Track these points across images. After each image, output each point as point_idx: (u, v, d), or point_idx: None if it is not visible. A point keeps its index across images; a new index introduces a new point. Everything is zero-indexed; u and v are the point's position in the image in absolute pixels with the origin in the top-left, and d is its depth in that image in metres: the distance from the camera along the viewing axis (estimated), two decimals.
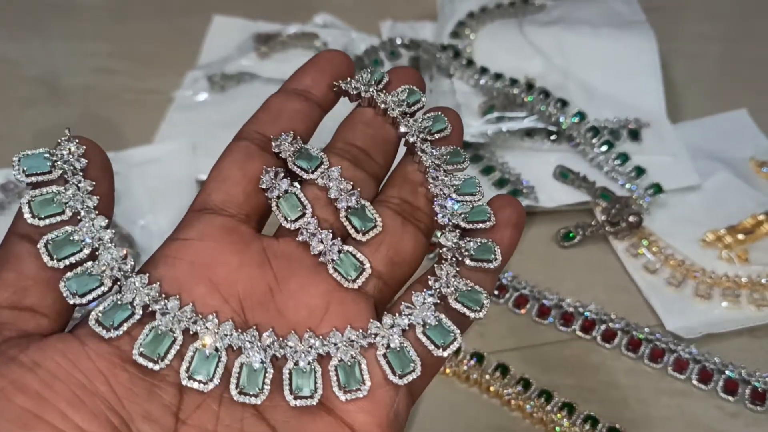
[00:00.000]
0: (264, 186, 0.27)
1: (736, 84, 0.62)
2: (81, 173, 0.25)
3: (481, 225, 0.27)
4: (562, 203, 0.51)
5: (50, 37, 0.67)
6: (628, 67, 0.57)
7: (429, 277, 0.27)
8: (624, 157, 0.52)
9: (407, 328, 0.25)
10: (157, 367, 0.24)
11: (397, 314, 0.26)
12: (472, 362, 0.43)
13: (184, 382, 0.24)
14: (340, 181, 0.27)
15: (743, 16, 0.69)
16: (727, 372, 0.43)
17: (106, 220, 0.25)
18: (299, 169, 0.28)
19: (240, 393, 0.24)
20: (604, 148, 0.52)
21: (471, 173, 0.29)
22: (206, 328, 0.25)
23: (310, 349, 0.25)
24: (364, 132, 0.29)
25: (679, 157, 0.53)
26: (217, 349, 0.25)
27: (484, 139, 0.53)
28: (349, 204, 0.27)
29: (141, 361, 0.24)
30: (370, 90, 0.30)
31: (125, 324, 0.24)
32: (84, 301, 0.24)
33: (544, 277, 0.48)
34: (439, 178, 0.28)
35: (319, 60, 0.30)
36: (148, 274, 0.25)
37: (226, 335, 0.25)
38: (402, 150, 0.30)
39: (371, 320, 0.26)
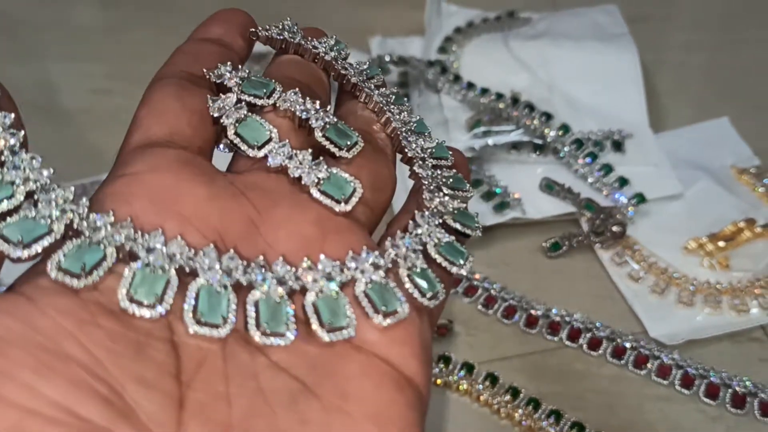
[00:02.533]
0: (216, 113, 0.23)
1: (720, 92, 0.63)
2: None
3: (443, 162, 0.27)
4: (548, 214, 0.52)
5: (47, 59, 0.69)
6: (611, 79, 0.58)
7: (416, 212, 0.24)
8: (607, 168, 0.53)
9: (421, 248, 0.23)
10: (156, 314, 0.19)
11: (407, 233, 0.23)
12: (462, 372, 0.45)
13: (192, 330, 0.19)
14: (303, 101, 0.24)
15: (728, 25, 0.70)
16: (708, 377, 0.44)
17: (39, 157, 0.20)
18: (251, 97, 0.24)
19: (263, 334, 0.20)
20: (588, 159, 0.54)
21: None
22: (206, 264, 0.20)
23: (330, 274, 0.22)
24: (298, 70, 0.27)
25: (661, 166, 0.54)
26: (226, 287, 0.20)
27: (472, 154, 0.55)
28: (326, 120, 0.24)
29: (131, 308, 0.19)
30: (297, 37, 0.27)
31: (100, 267, 0.19)
32: (32, 252, 0.19)
33: (531, 287, 0.50)
34: (395, 113, 0.27)
35: (222, 14, 0.28)
36: (111, 212, 0.20)
37: (231, 270, 0.21)
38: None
39: (388, 239, 0.23)
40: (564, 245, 0.51)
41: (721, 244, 0.50)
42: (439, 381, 0.45)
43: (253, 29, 0.27)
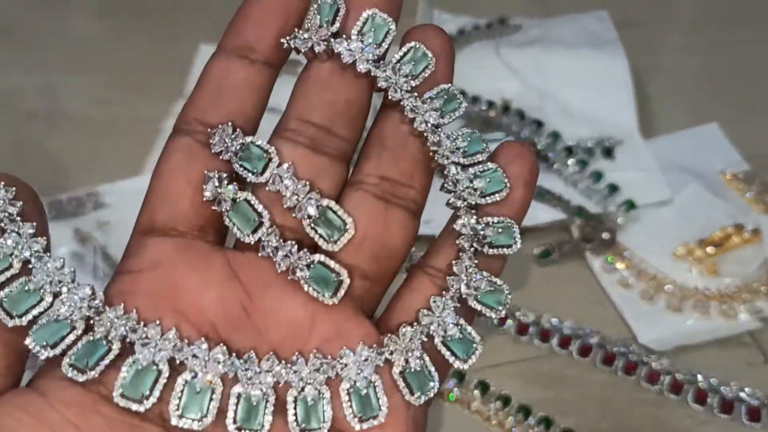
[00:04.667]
0: (209, 197, 0.24)
1: (712, 97, 0.64)
2: (19, 218, 0.23)
3: (496, 197, 0.24)
4: (538, 222, 0.53)
5: (47, 68, 0.69)
6: (602, 86, 0.59)
7: (448, 276, 0.24)
8: (597, 175, 0.54)
9: (426, 339, 0.23)
10: (142, 408, 0.22)
11: (415, 324, 0.24)
12: (453, 381, 0.45)
13: (175, 422, 0.22)
14: (294, 183, 0.24)
15: (720, 29, 0.71)
16: (697, 382, 0.45)
17: (62, 260, 0.23)
18: (245, 171, 0.24)
19: (238, 429, 0.22)
20: (579, 167, 0.54)
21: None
22: (194, 356, 0.22)
23: (317, 372, 0.23)
24: (320, 99, 0.24)
25: (650, 172, 0.55)
26: (210, 381, 0.22)
27: None
28: (309, 213, 0.24)
29: (123, 403, 0.22)
30: (323, 40, 0.24)
31: (102, 362, 0.22)
32: (58, 351, 0.22)
33: (523, 293, 0.50)
34: (442, 143, 0.24)
35: (255, 7, 0.24)
36: (123, 304, 0.23)
37: (218, 363, 0.22)
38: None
39: (389, 335, 0.23)
40: (555, 252, 0.51)
41: (709, 249, 0.50)
42: None
43: (283, 38, 0.24)
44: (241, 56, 0.24)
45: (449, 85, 0.25)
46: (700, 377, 0.45)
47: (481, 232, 0.24)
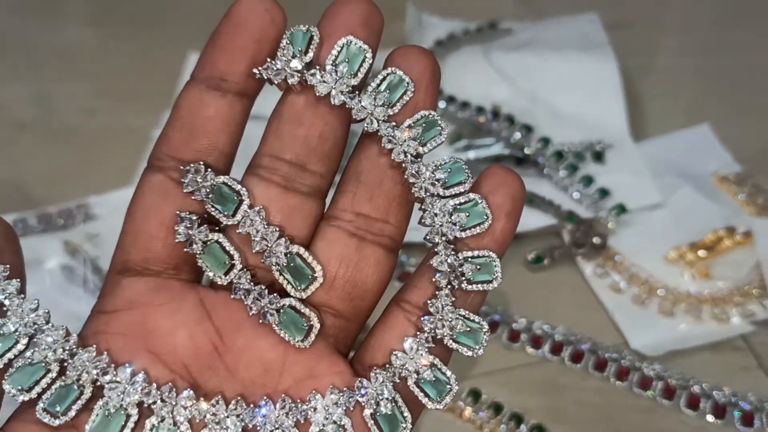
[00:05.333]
0: (181, 239, 0.24)
1: (704, 98, 0.64)
2: None
3: (477, 230, 0.24)
4: (529, 227, 0.53)
5: (34, 78, 0.69)
6: (592, 89, 0.59)
7: (422, 317, 0.24)
8: (587, 180, 0.54)
9: (398, 381, 0.24)
10: None
11: (387, 366, 0.24)
12: None
13: None
14: (264, 227, 0.24)
15: (712, 29, 0.70)
16: (689, 387, 0.44)
17: (36, 301, 0.23)
18: (217, 213, 0.24)
19: None
20: (568, 171, 0.54)
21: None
22: (162, 401, 0.23)
23: (286, 416, 0.23)
24: (293, 136, 0.24)
25: (641, 176, 0.55)
26: (176, 424, 0.23)
27: None
28: (277, 261, 0.24)
29: None
30: (296, 71, 0.23)
31: (74, 406, 0.22)
32: (34, 395, 0.22)
33: (514, 300, 0.50)
34: (420, 174, 0.24)
35: (231, 25, 0.23)
36: (95, 346, 0.23)
37: (185, 408, 0.23)
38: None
39: (359, 380, 0.24)
40: (546, 258, 0.51)
41: (701, 253, 0.50)
42: None
43: (255, 69, 0.23)
44: (213, 88, 0.23)
45: (429, 111, 0.24)
46: (692, 382, 0.45)
47: (459, 269, 0.24)
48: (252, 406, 0.23)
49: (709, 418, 0.43)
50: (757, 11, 0.70)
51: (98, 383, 0.23)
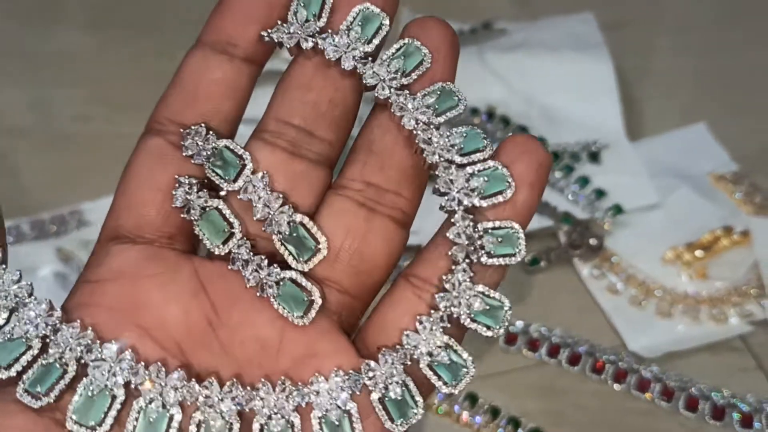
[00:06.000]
0: (178, 204, 0.22)
1: (700, 97, 0.63)
2: None
3: (499, 198, 0.22)
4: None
5: (32, 84, 0.69)
6: (587, 90, 0.58)
7: (436, 293, 0.22)
8: (583, 181, 0.53)
9: (409, 363, 0.22)
10: None
11: (397, 347, 0.22)
12: (442, 394, 0.45)
13: None
14: (267, 194, 0.22)
15: (708, 29, 0.70)
16: (687, 389, 0.44)
17: (18, 272, 0.21)
18: (217, 178, 0.22)
19: None
20: (564, 172, 0.54)
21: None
22: (151, 381, 0.21)
23: (286, 400, 0.21)
24: (302, 101, 0.23)
25: (637, 176, 0.54)
26: (165, 406, 0.21)
27: None
28: (279, 230, 0.22)
29: (76, 429, 0.20)
30: (310, 36, 0.22)
31: (57, 386, 0.21)
32: (13, 372, 0.21)
33: (511, 302, 0.49)
34: (433, 140, 0.22)
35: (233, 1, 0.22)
36: (79, 321, 0.21)
37: (175, 388, 0.21)
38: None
39: (366, 362, 0.22)
40: (543, 260, 0.51)
41: (698, 253, 0.50)
42: None
43: (264, 31, 0.22)
44: (220, 52, 0.22)
45: (447, 83, 0.22)
46: (690, 383, 0.44)
47: (479, 242, 0.22)
48: (248, 388, 0.22)
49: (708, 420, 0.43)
50: (753, 11, 0.69)
51: (83, 361, 0.21)
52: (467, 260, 0.22)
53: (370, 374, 0.22)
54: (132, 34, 0.72)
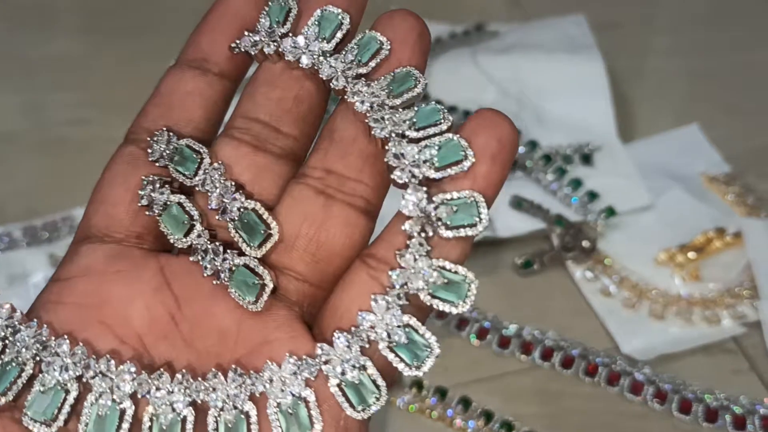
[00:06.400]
0: (144, 203, 0.23)
1: (693, 98, 0.63)
2: None
3: (455, 168, 0.21)
4: (518, 232, 0.52)
5: (26, 88, 0.69)
6: (579, 92, 0.58)
7: (391, 271, 0.21)
8: (576, 183, 0.53)
9: (367, 345, 0.21)
10: (50, 431, 0.20)
11: (353, 329, 0.21)
12: (435, 398, 0.45)
13: None
14: (221, 183, 0.22)
15: (701, 30, 0.70)
16: (680, 392, 0.44)
17: None
18: (179, 175, 0.23)
19: None
20: (557, 174, 0.54)
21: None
22: (101, 374, 0.21)
23: (238, 390, 0.21)
24: (267, 97, 0.23)
25: (630, 178, 0.54)
26: (115, 401, 0.21)
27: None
28: (231, 216, 0.22)
29: (32, 426, 0.20)
30: (273, 41, 0.23)
31: (14, 386, 0.21)
32: None
33: (504, 305, 0.50)
34: (385, 117, 0.21)
35: (217, 11, 0.24)
36: (36, 321, 0.21)
37: (125, 382, 0.21)
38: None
39: (320, 345, 0.21)
40: (536, 263, 0.51)
41: (691, 255, 0.50)
42: (411, 407, 0.45)
43: (233, 43, 0.24)
44: (196, 67, 0.24)
45: (407, 67, 0.22)
46: (683, 386, 0.44)
47: (434, 213, 0.21)
48: (199, 379, 0.21)
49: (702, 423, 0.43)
50: (745, 11, 0.70)
51: (38, 359, 0.21)
52: (423, 234, 0.21)
53: (325, 358, 0.21)
54: (125, 38, 0.72)
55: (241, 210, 0.22)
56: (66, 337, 0.21)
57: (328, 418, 0.21)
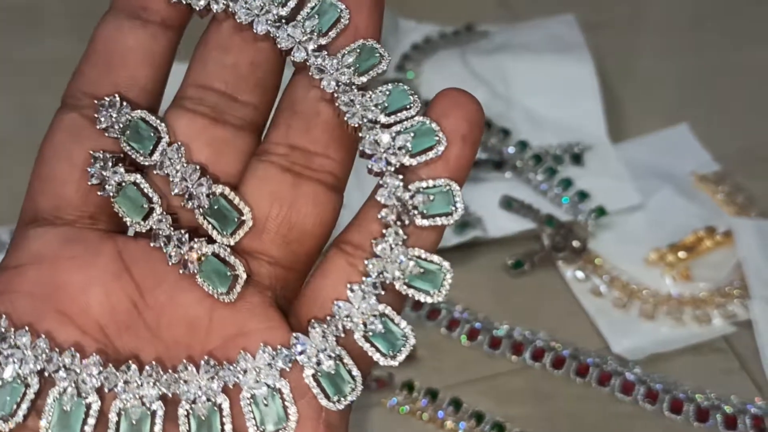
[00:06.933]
0: (94, 182, 0.21)
1: (682, 98, 0.63)
2: None
3: (429, 154, 0.20)
4: (509, 232, 0.52)
5: (12, 91, 0.68)
6: (569, 92, 0.58)
7: (367, 260, 0.21)
8: (566, 183, 0.53)
9: (342, 335, 0.21)
10: (7, 428, 0.20)
11: (328, 319, 0.21)
12: (426, 400, 0.44)
13: None
14: (183, 167, 0.21)
15: (690, 29, 0.70)
16: (671, 391, 0.44)
17: None
18: (132, 152, 0.21)
19: None
20: (547, 175, 0.54)
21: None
22: (65, 368, 0.20)
23: (210, 381, 0.20)
24: (221, 63, 0.21)
25: (620, 177, 0.54)
26: (81, 394, 0.20)
27: None
28: (199, 203, 0.21)
29: None
30: None
31: None
32: None
33: (495, 306, 0.50)
34: (355, 101, 0.21)
35: None
36: None
37: (91, 376, 0.20)
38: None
39: (295, 334, 0.21)
40: (527, 263, 0.51)
41: (681, 254, 0.50)
42: (402, 408, 0.44)
43: None
44: (133, 17, 0.21)
45: (368, 40, 0.21)
46: (674, 386, 0.44)
47: (410, 202, 0.21)
48: (170, 371, 0.20)
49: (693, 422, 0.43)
50: (734, 11, 0.70)
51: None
52: (399, 222, 0.21)
53: (299, 348, 0.20)
54: None
55: (210, 196, 0.21)
56: (27, 328, 0.20)
57: (308, 412, 0.20)
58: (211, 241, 0.21)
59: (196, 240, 0.21)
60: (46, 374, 0.20)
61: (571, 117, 0.57)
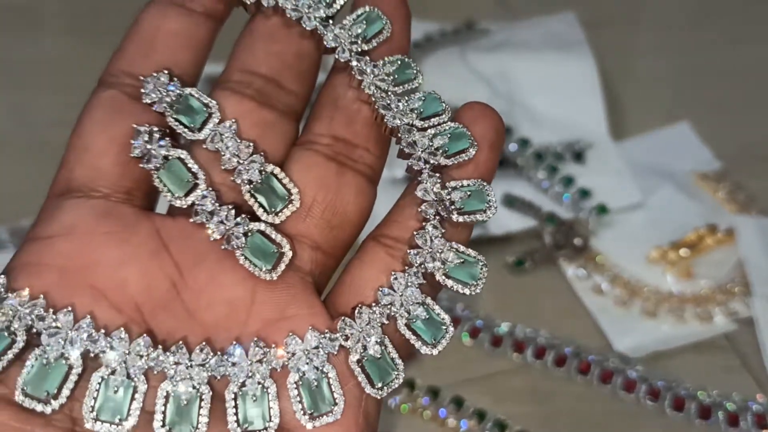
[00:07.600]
0: (137, 154, 0.21)
1: (683, 96, 0.63)
2: None
3: (463, 156, 0.22)
4: (510, 230, 0.52)
5: (7, 91, 0.68)
6: (570, 89, 0.58)
7: (410, 249, 0.21)
8: (567, 181, 0.53)
9: (386, 321, 0.21)
10: (48, 409, 0.19)
11: (373, 305, 0.21)
12: (428, 398, 0.44)
13: (89, 426, 0.19)
14: (236, 143, 0.21)
15: (691, 27, 0.70)
16: (673, 389, 0.44)
17: None
18: (181, 127, 0.21)
19: None
20: (548, 172, 0.54)
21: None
22: (112, 349, 0.19)
23: (260, 364, 0.20)
24: (267, 51, 0.22)
25: (621, 175, 0.54)
26: (129, 377, 0.19)
27: None
28: (251, 177, 0.21)
29: (27, 403, 0.19)
30: None
31: (5, 357, 0.19)
32: None
33: (496, 304, 0.49)
34: (392, 105, 0.22)
35: None
36: (27, 289, 0.19)
37: (140, 356, 0.19)
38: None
39: (343, 318, 0.21)
40: (528, 261, 0.51)
41: (683, 252, 0.50)
42: (403, 406, 0.44)
43: None
44: (178, 5, 0.22)
45: (408, 57, 0.23)
46: (676, 383, 0.44)
47: (448, 198, 0.22)
48: (219, 353, 0.20)
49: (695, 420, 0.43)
50: (735, 8, 0.70)
51: (34, 330, 0.19)
52: (437, 217, 0.22)
53: (348, 332, 0.21)
54: (111, 40, 0.70)
55: (262, 173, 0.21)
56: (70, 309, 0.19)
57: (350, 400, 0.20)
58: (253, 219, 0.21)
59: (242, 216, 0.21)
60: (92, 355, 0.19)
61: (572, 115, 0.57)
